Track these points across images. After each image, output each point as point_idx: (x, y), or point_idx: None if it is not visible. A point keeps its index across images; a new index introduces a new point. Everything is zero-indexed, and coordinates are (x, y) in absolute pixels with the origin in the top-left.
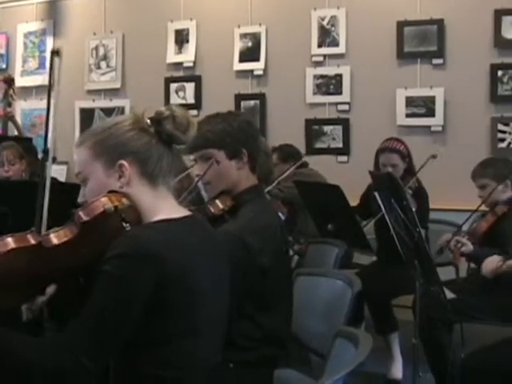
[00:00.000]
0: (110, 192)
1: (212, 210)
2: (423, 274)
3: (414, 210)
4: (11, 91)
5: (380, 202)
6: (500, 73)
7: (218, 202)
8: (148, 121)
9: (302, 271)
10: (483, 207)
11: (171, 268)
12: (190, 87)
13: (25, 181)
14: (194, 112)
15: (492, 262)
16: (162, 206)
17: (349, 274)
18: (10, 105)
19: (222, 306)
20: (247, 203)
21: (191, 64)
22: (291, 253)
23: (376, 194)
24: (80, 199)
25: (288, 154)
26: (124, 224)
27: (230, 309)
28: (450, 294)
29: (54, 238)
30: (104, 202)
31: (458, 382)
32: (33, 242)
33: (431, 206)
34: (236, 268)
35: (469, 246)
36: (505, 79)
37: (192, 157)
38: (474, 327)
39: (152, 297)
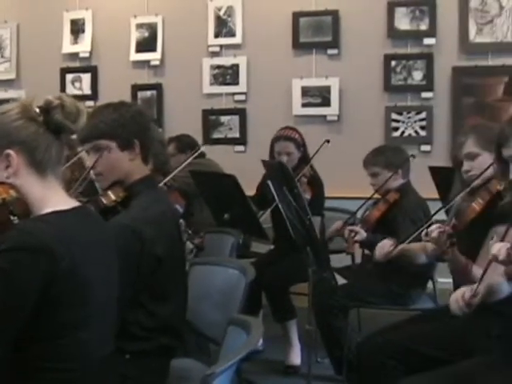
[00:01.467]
0: None
1: (104, 201)
2: (315, 260)
3: (309, 197)
4: None
5: (273, 190)
6: (393, 63)
7: (110, 193)
8: (37, 110)
9: (196, 261)
10: (376, 195)
11: (61, 261)
12: (86, 78)
13: None
14: (91, 103)
15: (384, 247)
16: (51, 197)
17: (242, 263)
18: None
19: (112, 297)
20: (140, 194)
21: (87, 54)
22: (191, 246)
23: (269, 182)
24: None
25: (185, 144)
26: (12, 217)
27: (121, 299)
28: (341, 280)
29: None
30: None
31: (353, 367)
32: None
33: (327, 194)
34: (129, 258)
35: (362, 234)
36: (398, 69)
37: (85, 147)
38: (371, 312)
39: (42, 290)
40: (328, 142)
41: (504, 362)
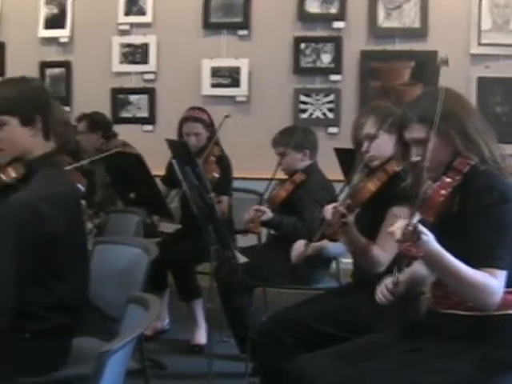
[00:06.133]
0: None
1: (4, 177)
2: (217, 239)
3: (217, 176)
4: None
5: (177, 169)
6: (303, 45)
7: (10, 169)
8: None
9: (100, 239)
10: (283, 175)
11: None
12: None
13: None
14: None
15: (298, 248)
16: None
17: (145, 241)
18: None
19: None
20: (40, 171)
21: None
22: (90, 226)
23: (173, 161)
24: None
25: (94, 122)
26: None
27: (18, 277)
28: (242, 259)
29: None
30: None
31: (257, 346)
32: None
33: (235, 174)
34: (27, 237)
35: (268, 214)
36: (307, 52)
37: None
38: (277, 292)
39: None
40: (227, 116)
41: (399, 338)
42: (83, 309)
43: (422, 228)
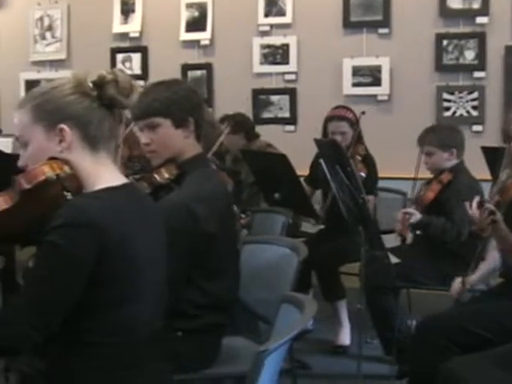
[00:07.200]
0: (51, 159)
1: (158, 178)
2: (367, 240)
3: (364, 176)
4: None
5: (325, 169)
6: (445, 42)
7: (163, 170)
8: (90, 84)
9: (249, 239)
10: (428, 174)
11: (112, 237)
12: (136, 58)
13: None
14: (141, 83)
15: (455, 287)
16: (103, 173)
17: (294, 241)
18: None
19: (161, 273)
20: (192, 172)
21: (137, 34)
22: (238, 225)
23: (321, 161)
24: (20, 163)
25: (237, 123)
26: (65, 192)
27: (173, 277)
28: (394, 259)
29: None
30: (46, 170)
31: (403, 347)
32: None
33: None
34: (183, 236)
35: (416, 216)
36: (450, 48)
37: (139, 125)
38: (420, 293)
39: (93, 265)
40: (363, 113)
41: None
42: (234, 307)
43: None
